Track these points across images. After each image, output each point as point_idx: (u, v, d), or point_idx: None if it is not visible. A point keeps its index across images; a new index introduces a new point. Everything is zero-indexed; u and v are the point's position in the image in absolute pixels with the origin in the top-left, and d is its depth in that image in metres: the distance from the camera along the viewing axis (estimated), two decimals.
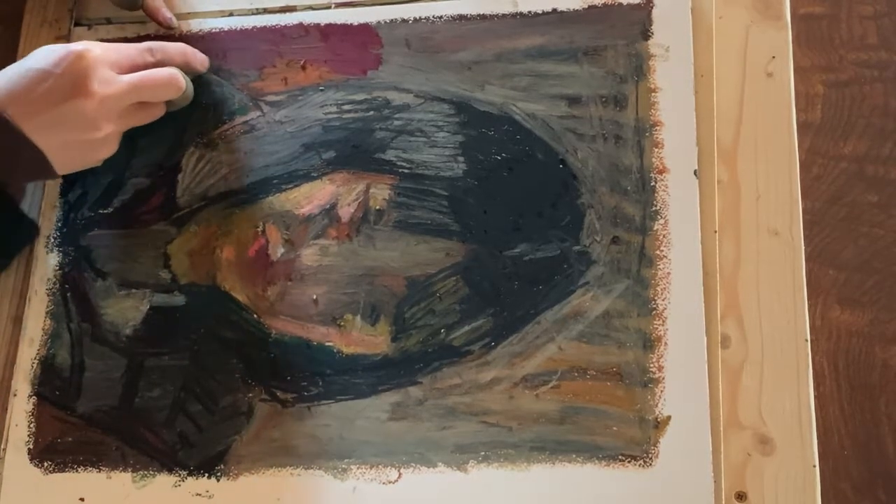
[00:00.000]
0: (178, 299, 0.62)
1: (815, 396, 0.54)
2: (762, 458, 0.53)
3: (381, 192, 0.61)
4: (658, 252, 0.57)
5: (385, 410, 0.57)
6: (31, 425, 0.61)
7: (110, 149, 0.61)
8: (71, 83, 0.56)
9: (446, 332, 0.58)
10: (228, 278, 0.61)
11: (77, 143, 0.58)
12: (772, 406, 0.54)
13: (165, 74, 0.60)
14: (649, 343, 0.55)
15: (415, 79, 0.63)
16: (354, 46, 0.65)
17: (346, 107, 0.64)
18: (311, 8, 0.67)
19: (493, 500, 0.55)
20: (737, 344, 0.55)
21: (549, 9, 0.63)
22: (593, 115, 0.60)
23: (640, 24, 0.61)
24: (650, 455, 0.54)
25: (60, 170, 0.59)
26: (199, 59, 0.64)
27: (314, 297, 0.60)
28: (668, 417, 0.54)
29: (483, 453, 0.55)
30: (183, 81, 0.61)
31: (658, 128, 0.59)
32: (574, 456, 0.54)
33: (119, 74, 0.58)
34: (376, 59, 0.64)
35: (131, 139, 0.65)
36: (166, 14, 0.66)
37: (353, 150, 0.63)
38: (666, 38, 0.61)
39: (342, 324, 0.59)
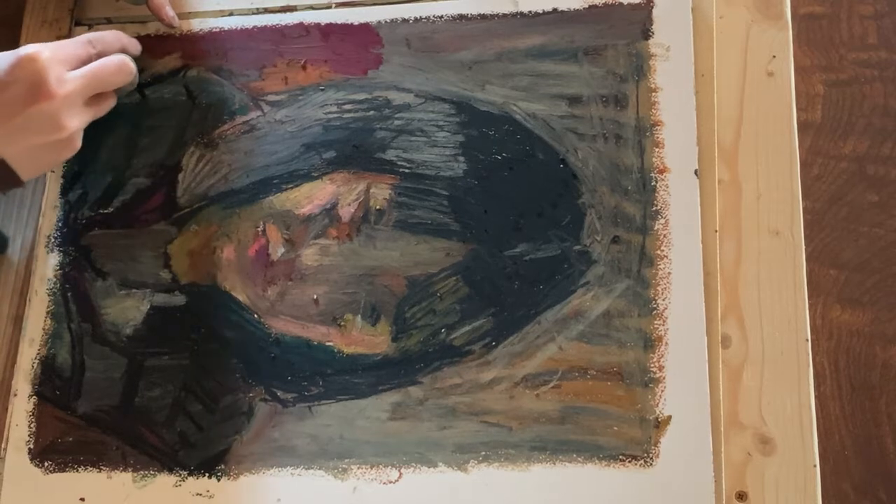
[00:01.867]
0: (179, 299, 0.62)
1: (816, 396, 0.54)
2: (763, 457, 0.53)
3: (381, 192, 0.61)
4: (659, 252, 0.57)
5: (385, 410, 0.57)
6: (32, 425, 0.61)
7: (74, 147, 0.59)
8: (28, 88, 0.55)
9: (447, 331, 0.58)
10: (229, 278, 0.61)
11: (43, 147, 0.57)
12: (772, 406, 0.54)
13: (116, 61, 0.61)
14: (650, 343, 0.55)
15: (415, 78, 0.63)
16: (355, 46, 0.65)
17: (347, 106, 0.64)
18: (312, 7, 0.67)
19: (493, 500, 0.55)
20: (737, 344, 0.55)
21: (549, 8, 0.63)
22: (594, 114, 0.60)
23: (641, 23, 0.61)
24: (651, 455, 0.54)
25: (25, 176, 0.58)
26: (134, 44, 0.65)
27: (314, 296, 0.60)
28: (669, 417, 0.54)
29: (483, 453, 0.55)
30: (133, 65, 0.62)
31: (659, 127, 0.59)
32: (575, 456, 0.54)
33: (69, 71, 0.58)
34: (377, 58, 0.64)
35: (131, 139, 0.65)
36: (169, 12, 0.66)
37: (353, 150, 0.63)
38: (666, 37, 0.61)
39: (342, 323, 0.59)
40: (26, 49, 0.56)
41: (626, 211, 0.58)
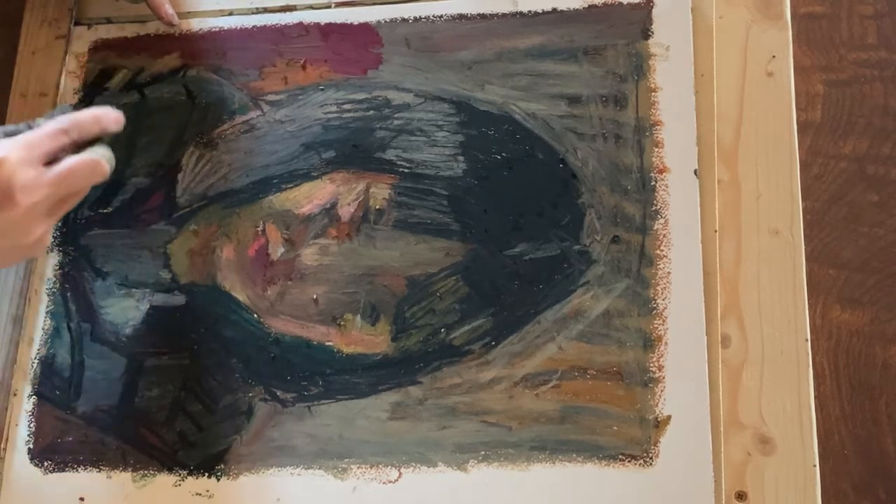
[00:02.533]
0: (178, 299, 0.62)
1: (816, 396, 0.54)
2: (762, 457, 0.53)
3: (381, 192, 0.61)
4: (658, 251, 0.57)
5: (385, 410, 0.57)
6: (31, 425, 0.61)
7: (43, 246, 0.56)
8: None
9: (446, 331, 0.58)
10: (228, 278, 0.61)
11: (8, 250, 0.55)
12: (772, 406, 0.54)
13: (88, 164, 0.55)
14: (649, 343, 0.55)
15: (415, 78, 0.63)
16: (355, 46, 0.65)
17: (347, 106, 0.64)
18: (312, 7, 0.67)
19: (493, 499, 0.55)
20: (737, 343, 0.55)
21: (549, 8, 0.63)
22: (593, 114, 0.60)
23: (641, 23, 0.61)
24: (650, 454, 0.54)
25: None
26: (114, 119, 0.58)
27: (314, 296, 0.60)
28: (669, 417, 0.54)
29: (483, 453, 0.55)
30: (106, 166, 0.56)
31: (658, 127, 0.59)
32: (574, 455, 0.54)
33: (40, 167, 0.54)
34: (376, 58, 0.64)
35: (131, 139, 0.65)
36: (169, 10, 0.66)
37: (353, 150, 0.63)
38: (666, 37, 0.61)
39: (342, 323, 0.59)
40: None
41: (625, 211, 0.58)
